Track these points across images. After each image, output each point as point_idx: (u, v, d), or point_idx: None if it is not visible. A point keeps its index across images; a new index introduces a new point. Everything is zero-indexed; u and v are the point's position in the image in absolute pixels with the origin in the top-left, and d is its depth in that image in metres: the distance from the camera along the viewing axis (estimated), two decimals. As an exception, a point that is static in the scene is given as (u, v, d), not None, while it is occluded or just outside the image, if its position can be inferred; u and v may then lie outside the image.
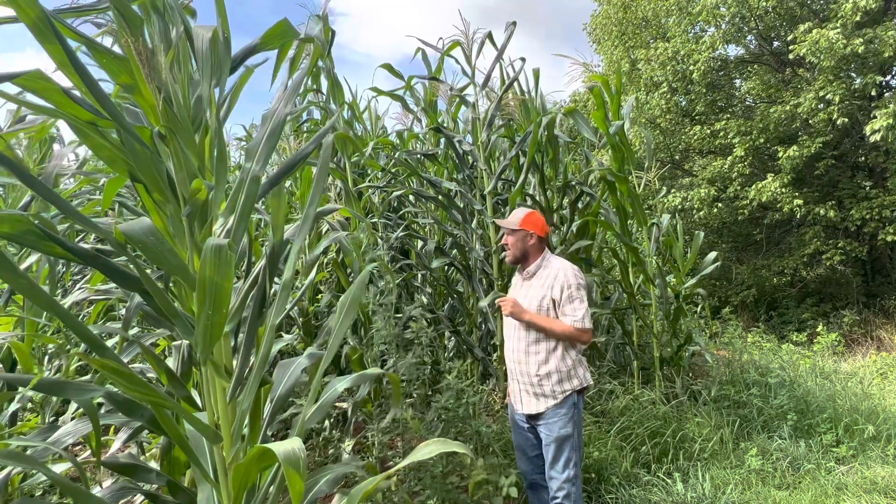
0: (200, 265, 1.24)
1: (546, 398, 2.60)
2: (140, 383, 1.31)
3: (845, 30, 8.12)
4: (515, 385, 2.74)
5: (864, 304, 9.83)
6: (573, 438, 2.58)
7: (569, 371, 2.60)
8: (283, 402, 1.64)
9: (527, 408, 2.67)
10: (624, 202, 4.34)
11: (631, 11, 12.00)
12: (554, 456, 2.58)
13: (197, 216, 1.45)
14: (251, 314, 1.58)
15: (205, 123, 1.52)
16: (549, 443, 2.59)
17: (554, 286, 2.62)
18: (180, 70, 1.51)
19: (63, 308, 1.25)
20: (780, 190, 9.16)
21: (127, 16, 1.42)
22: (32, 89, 1.30)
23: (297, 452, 1.18)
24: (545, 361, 2.60)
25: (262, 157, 1.52)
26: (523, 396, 2.69)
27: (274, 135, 1.57)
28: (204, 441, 1.67)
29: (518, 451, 2.82)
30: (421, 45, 4.62)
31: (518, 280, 2.86)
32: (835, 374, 5.68)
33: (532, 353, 2.63)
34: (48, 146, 3.94)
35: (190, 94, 1.53)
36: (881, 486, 3.28)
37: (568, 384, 2.60)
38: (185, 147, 1.44)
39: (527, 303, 2.68)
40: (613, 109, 4.36)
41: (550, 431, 2.59)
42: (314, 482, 1.69)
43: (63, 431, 1.72)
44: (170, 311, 1.37)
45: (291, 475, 1.12)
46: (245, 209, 1.47)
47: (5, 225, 1.19)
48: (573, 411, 2.60)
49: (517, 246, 2.76)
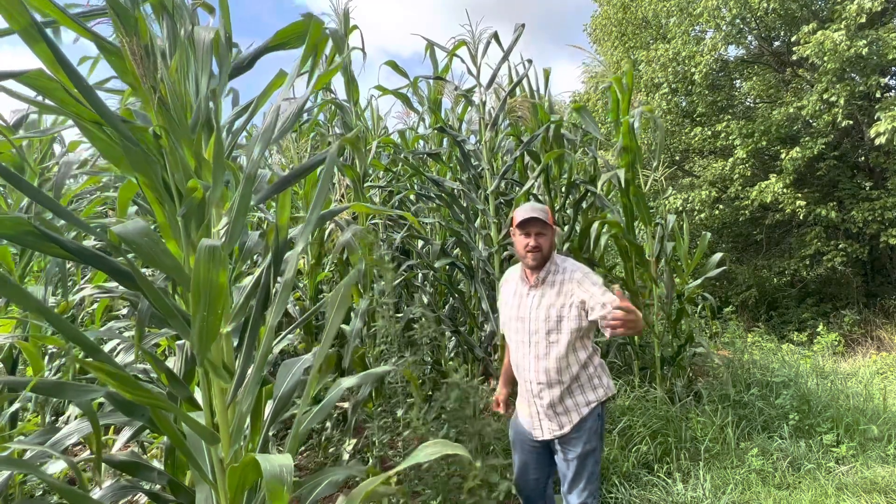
0: (195, 265, 1.24)
1: (570, 414, 2.32)
2: (134, 385, 1.30)
3: (849, 31, 8.11)
4: (534, 408, 2.40)
5: (864, 304, 9.83)
6: (596, 452, 2.34)
7: (591, 381, 2.34)
8: (285, 402, 1.63)
9: (550, 433, 2.36)
10: (631, 202, 4.35)
11: (630, 12, 12.00)
12: (576, 473, 2.32)
13: (193, 216, 1.45)
14: (254, 314, 1.58)
15: (206, 123, 1.52)
16: (571, 459, 2.33)
17: (576, 291, 2.26)
18: (183, 70, 1.51)
19: (52, 311, 1.25)
20: (782, 191, 9.16)
21: (122, 15, 1.41)
22: (36, 88, 1.29)
23: (282, 472, 1.15)
24: (572, 372, 2.30)
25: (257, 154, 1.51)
26: (544, 421, 2.37)
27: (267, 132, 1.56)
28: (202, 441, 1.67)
29: (520, 468, 2.54)
30: (426, 43, 4.63)
31: (518, 289, 2.46)
32: (835, 374, 5.68)
33: (560, 365, 2.29)
34: (48, 146, 3.95)
35: (192, 94, 1.52)
36: (881, 486, 3.28)
37: (593, 395, 2.33)
38: (180, 146, 1.44)
39: (543, 314, 2.31)
40: (623, 108, 4.39)
41: (574, 448, 2.32)
42: (315, 484, 1.68)
43: (65, 431, 1.72)
44: (166, 311, 1.37)
45: (275, 493, 1.10)
46: (241, 208, 1.46)
47: (6, 227, 1.19)
48: (598, 423, 2.34)
49: (549, 244, 2.35)
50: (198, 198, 1.38)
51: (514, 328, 2.45)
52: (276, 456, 1.19)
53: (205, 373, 1.52)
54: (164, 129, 1.40)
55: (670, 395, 4.34)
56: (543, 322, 2.32)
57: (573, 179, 4.73)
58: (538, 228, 2.33)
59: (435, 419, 3.23)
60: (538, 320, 2.34)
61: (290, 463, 1.16)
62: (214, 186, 1.46)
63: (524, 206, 2.44)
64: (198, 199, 1.38)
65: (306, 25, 1.66)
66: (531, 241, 2.34)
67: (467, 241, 4.40)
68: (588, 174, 5.12)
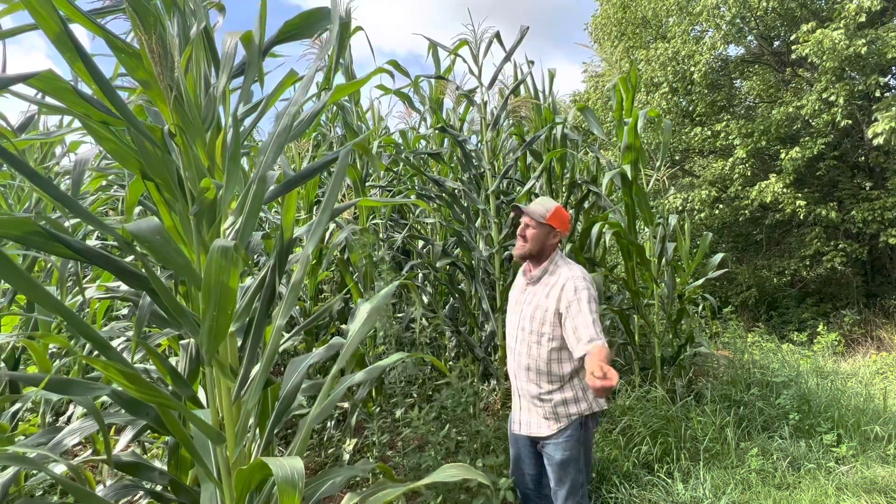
0: (206, 265, 1.24)
1: (549, 421, 2.33)
2: (144, 384, 1.31)
3: (848, 30, 8.12)
4: (517, 400, 2.46)
5: (864, 304, 9.84)
6: (579, 462, 2.32)
7: (576, 394, 2.31)
8: (289, 401, 1.64)
9: (527, 429, 2.40)
10: (633, 201, 4.35)
11: (630, 11, 12.00)
12: (557, 479, 2.35)
13: (205, 215, 1.46)
14: (258, 314, 1.58)
15: (216, 122, 1.53)
16: (551, 464, 2.36)
17: (561, 298, 2.25)
18: (195, 69, 1.51)
19: (68, 309, 1.25)
20: (782, 190, 9.16)
21: (141, 13, 1.42)
22: (45, 90, 1.30)
23: (294, 475, 1.15)
24: (554, 377, 2.30)
25: (271, 157, 1.52)
26: (523, 416, 2.42)
27: (283, 133, 1.56)
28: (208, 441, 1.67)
29: (514, 463, 2.59)
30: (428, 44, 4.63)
31: (521, 282, 2.50)
32: (835, 374, 5.69)
33: (541, 370, 2.31)
34: (48, 147, 3.95)
35: (201, 93, 1.53)
36: (881, 486, 3.28)
37: (575, 407, 2.31)
38: (194, 146, 1.44)
39: (529, 312, 2.35)
40: (627, 106, 4.40)
41: (554, 454, 2.33)
42: (320, 484, 1.69)
43: (68, 430, 1.72)
44: (177, 311, 1.37)
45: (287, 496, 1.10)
46: (253, 209, 1.47)
47: (13, 228, 1.20)
48: (580, 432, 2.31)
49: (537, 240, 2.35)
50: (210, 197, 1.39)
51: (509, 320, 2.52)
52: (286, 459, 1.20)
53: (212, 372, 1.53)
54: (179, 128, 1.41)
55: (671, 394, 4.35)
56: (529, 321, 2.35)
57: (575, 179, 4.74)
58: (526, 221, 2.39)
59: (435, 419, 3.24)
60: (525, 318, 2.37)
61: (301, 466, 1.17)
62: (227, 186, 1.47)
63: (538, 199, 2.51)
64: (210, 198, 1.39)
65: (315, 15, 1.66)
66: (518, 231, 2.43)
67: (468, 241, 4.41)
68: (590, 174, 5.12)
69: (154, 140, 1.36)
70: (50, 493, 2.84)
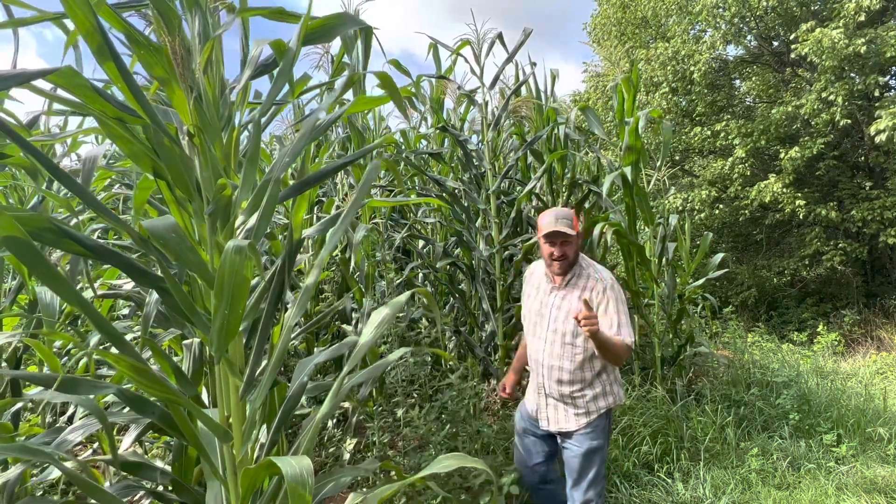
0: (220, 265, 1.25)
1: (579, 416, 2.39)
2: (154, 379, 1.33)
3: (847, 30, 8.12)
4: (542, 399, 2.48)
5: (865, 303, 9.85)
6: (603, 451, 2.42)
7: (604, 389, 2.41)
8: (296, 400, 1.65)
9: (555, 425, 2.44)
10: (634, 201, 4.36)
11: (630, 11, 12.01)
12: (581, 469, 2.38)
13: (219, 215, 1.47)
14: (266, 313, 1.59)
15: (232, 123, 1.54)
16: (577, 455, 2.38)
17: (593, 297, 2.33)
18: (213, 70, 1.52)
19: (87, 301, 1.26)
20: (781, 190, 9.17)
21: (164, 13, 1.43)
22: (63, 85, 1.31)
23: (304, 475, 1.16)
24: (586, 377, 2.37)
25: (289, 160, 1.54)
26: (550, 412, 2.45)
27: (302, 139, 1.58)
28: (215, 439, 1.68)
29: (519, 458, 2.65)
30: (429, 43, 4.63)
31: (544, 285, 2.50)
32: (835, 374, 5.69)
33: (575, 368, 2.35)
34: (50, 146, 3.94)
35: (219, 93, 1.54)
36: (881, 486, 3.29)
37: (603, 401, 2.40)
38: (211, 146, 1.46)
39: (564, 315, 2.36)
40: (628, 107, 4.41)
41: (580, 445, 2.38)
42: (325, 484, 1.70)
43: (71, 429, 1.72)
44: (189, 309, 1.39)
45: (297, 496, 1.11)
46: (267, 210, 1.48)
47: (25, 224, 1.20)
48: (605, 422, 2.43)
49: (575, 251, 2.40)
50: (226, 196, 1.40)
51: (534, 322, 2.51)
52: (294, 458, 1.21)
53: (221, 371, 1.54)
54: (197, 128, 1.42)
55: (671, 394, 4.35)
56: (563, 323, 2.37)
57: (576, 179, 4.74)
58: (563, 238, 2.35)
59: (436, 419, 3.24)
60: (559, 321, 2.39)
61: (311, 464, 1.18)
62: (243, 186, 1.48)
63: (550, 213, 2.44)
64: (226, 197, 1.40)
65: (336, 20, 1.67)
66: (556, 251, 2.37)
67: (468, 240, 4.41)
68: (591, 174, 5.12)
69: (175, 139, 1.38)
70: (50, 493, 2.84)
